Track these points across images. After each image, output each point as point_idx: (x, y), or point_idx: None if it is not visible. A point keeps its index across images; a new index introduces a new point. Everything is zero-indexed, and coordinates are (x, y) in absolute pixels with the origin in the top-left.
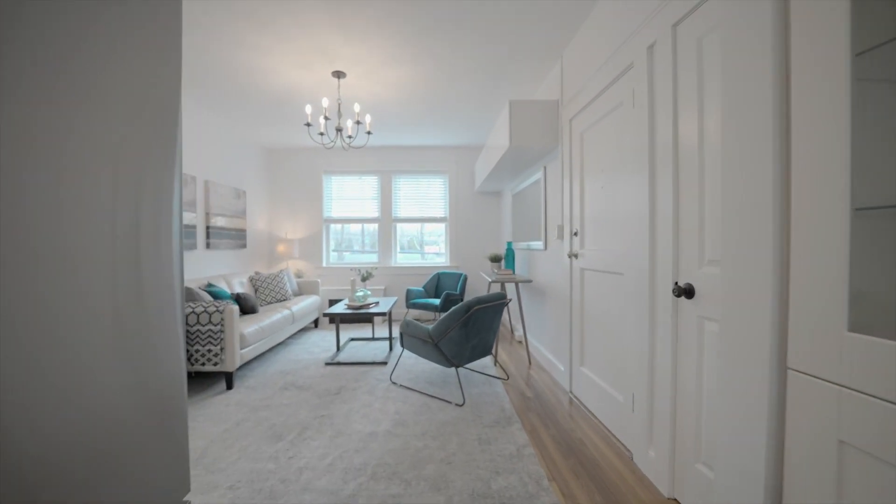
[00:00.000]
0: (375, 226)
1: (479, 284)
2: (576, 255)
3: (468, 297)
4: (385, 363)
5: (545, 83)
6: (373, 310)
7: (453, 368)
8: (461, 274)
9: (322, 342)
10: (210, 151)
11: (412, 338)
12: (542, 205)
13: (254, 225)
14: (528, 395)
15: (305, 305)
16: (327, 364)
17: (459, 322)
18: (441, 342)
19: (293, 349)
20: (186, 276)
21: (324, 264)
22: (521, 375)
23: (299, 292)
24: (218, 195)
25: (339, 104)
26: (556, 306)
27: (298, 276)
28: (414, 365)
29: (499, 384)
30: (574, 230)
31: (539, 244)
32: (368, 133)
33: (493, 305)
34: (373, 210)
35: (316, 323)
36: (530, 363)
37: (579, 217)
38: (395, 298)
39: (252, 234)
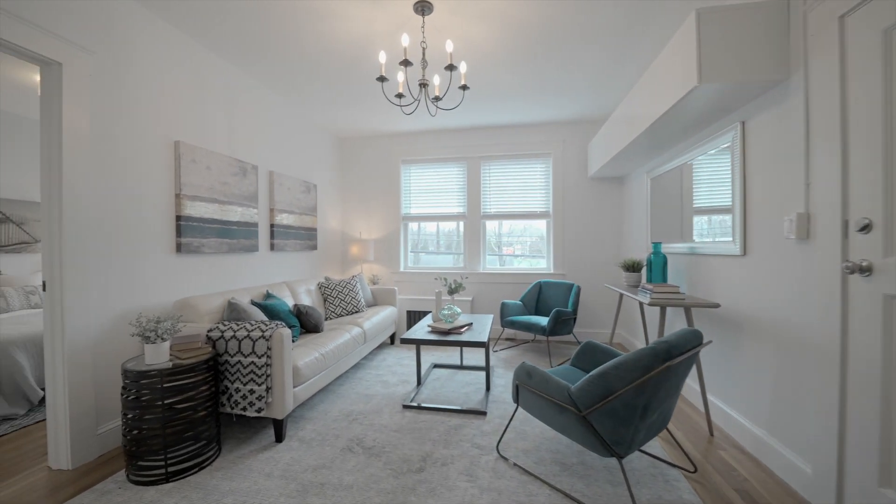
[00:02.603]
0: (453, 225)
1: (599, 300)
2: (866, 269)
3: (587, 316)
4: (484, 413)
5: None
6: (466, 336)
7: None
8: (572, 285)
9: (399, 366)
10: (274, 137)
11: (538, 396)
12: (739, 183)
13: (325, 223)
14: None
15: (380, 320)
16: (406, 407)
17: (636, 385)
18: (593, 415)
19: (364, 376)
20: (244, 284)
21: (401, 269)
22: (711, 460)
23: (373, 302)
24: (284, 189)
25: (424, 49)
26: (778, 352)
27: (373, 282)
28: (530, 426)
29: (679, 479)
30: (864, 221)
31: (728, 246)
32: (463, 87)
33: (692, 355)
34: (456, 205)
35: (392, 338)
36: (712, 434)
37: (866, 198)
38: (490, 317)
39: (323, 233)
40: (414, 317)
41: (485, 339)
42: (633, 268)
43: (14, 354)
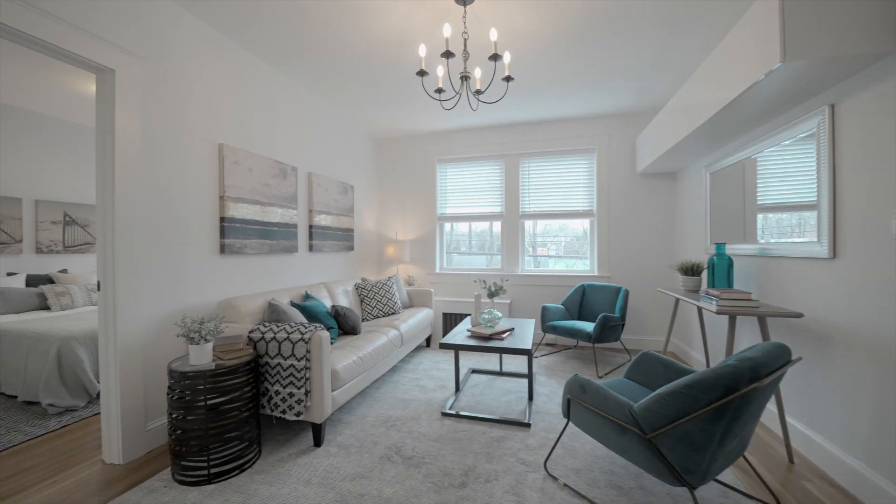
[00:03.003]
0: (485, 225)
1: (648, 305)
2: None
3: (634, 322)
4: (528, 426)
5: None
6: (507, 343)
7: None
8: (619, 289)
9: (436, 371)
10: (313, 139)
11: (594, 414)
12: (827, 176)
13: (362, 224)
14: None
15: (416, 322)
16: (445, 414)
17: (715, 408)
18: (661, 438)
19: (400, 380)
20: (284, 284)
21: (437, 269)
22: (794, 492)
23: (409, 303)
24: (322, 190)
25: (466, 40)
26: (879, 370)
27: (409, 283)
28: (579, 441)
29: None
30: None
31: (812, 248)
32: (507, 79)
33: (778, 375)
34: (494, 204)
35: (428, 341)
36: (792, 461)
37: None
38: (531, 322)
39: (360, 234)
40: (450, 319)
41: (528, 347)
42: (691, 271)
43: (76, 349)
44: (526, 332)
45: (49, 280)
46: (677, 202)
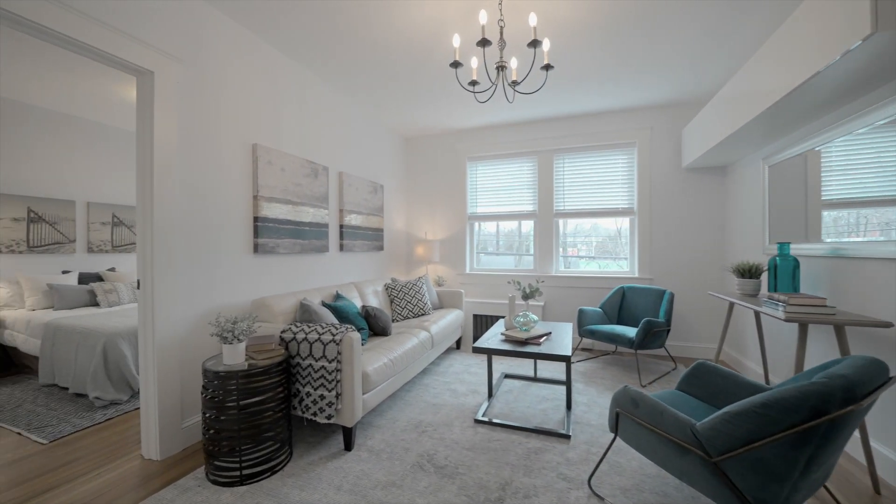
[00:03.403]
0: (514, 224)
1: (694, 309)
2: None
3: (680, 328)
4: (567, 437)
5: None
6: (545, 348)
7: None
8: (663, 291)
9: (467, 374)
10: (343, 138)
11: (647, 431)
12: None
13: (391, 224)
14: None
15: (447, 324)
16: (478, 422)
17: (800, 432)
18: (729, 463)
19: (431, 383)
20: (315, 284)
21: (467, 270)
22: None
23: (439, 304)
24: (353, 189)
25: (502, 28)
26: None
27: (438, 283)
28: (625, 457)
29: None
30: None
31: None
32: (546, 67)
33: (874, 397)
34: (526, 202)
35: (458, 343)
36: (878, 492)
37: None
38: (569, 326)
39: (389, 234)
40: (481, 321)
41: (567, 353)
42: (749, 273)
43: (120, 345)
44: (563, 337)
45: (99, 278)
46: (729, 198)
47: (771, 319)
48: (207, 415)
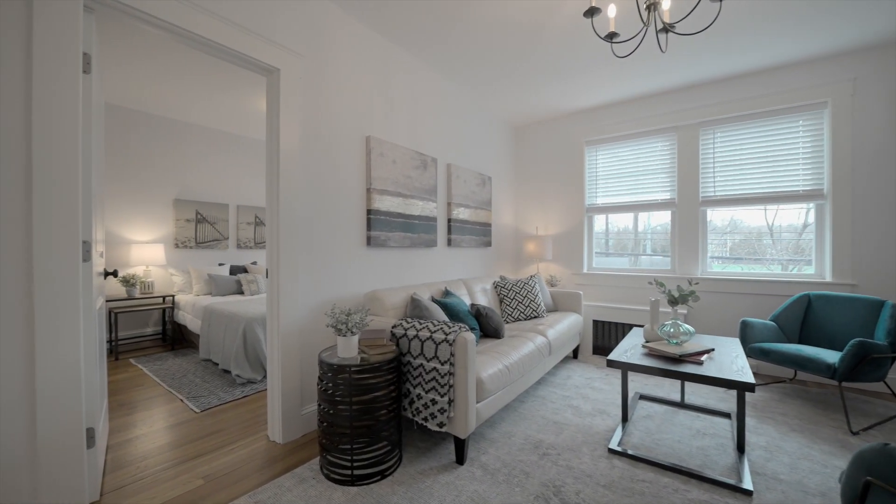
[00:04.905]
0: (629, 220)
1: None
2: None
3: None
4: (748, 493)
5: None
6: (710, 370)
7: None
8: (882, 303)
9: (589, 389)
10: (451, 128)
11: None
12: None
13: (499, 218)
14: None
15: (564, 329)
16: (613, 452)
17: None
18: None
19: (548, 396)
20: (423, 279)
21: (584, 269)
22: None
23: (553, 307)
24: (461, 182)
25: None
26: None
27: (551, 283)
28: None
29: None
30: None
31: None
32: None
33: None
34: (661, 189)
35: (576, 352)
36: None
37: None
38: (735, 341)
39: (497, 229)
40: (602, 329)
41: (750, 380)
42: None
43: (256, 329)
44: (733, 356)
45: (244, 270)
46: None
47: None
48: (322, 406)
